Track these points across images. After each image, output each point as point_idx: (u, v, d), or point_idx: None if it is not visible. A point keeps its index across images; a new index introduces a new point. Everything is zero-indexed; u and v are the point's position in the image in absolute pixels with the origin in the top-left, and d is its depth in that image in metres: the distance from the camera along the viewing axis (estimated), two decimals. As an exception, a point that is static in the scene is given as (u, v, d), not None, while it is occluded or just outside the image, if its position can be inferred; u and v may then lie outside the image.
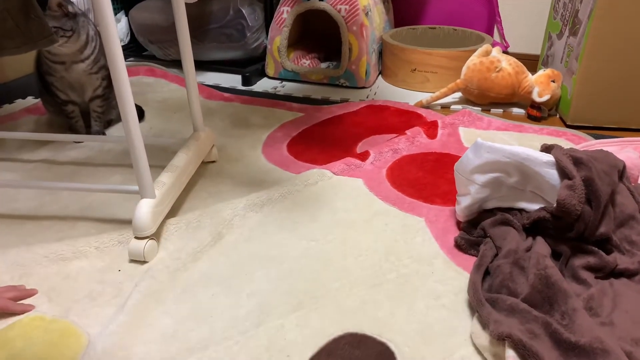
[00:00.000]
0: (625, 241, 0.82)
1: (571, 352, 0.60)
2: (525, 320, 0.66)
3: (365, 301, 0.80)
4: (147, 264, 0.90)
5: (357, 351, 0.71)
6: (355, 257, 0.90)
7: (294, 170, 1.19)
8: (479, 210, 0.93)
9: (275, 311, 0.79)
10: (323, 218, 1.01)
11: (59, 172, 1.21)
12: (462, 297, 0.80)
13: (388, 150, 1.24)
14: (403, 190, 1.10)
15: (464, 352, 0.71)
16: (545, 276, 0.72)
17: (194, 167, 1.11)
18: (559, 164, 0.82)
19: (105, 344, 0.73)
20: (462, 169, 0.92)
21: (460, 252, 0.91)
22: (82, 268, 0.89)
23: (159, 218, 0.93)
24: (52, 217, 1.04)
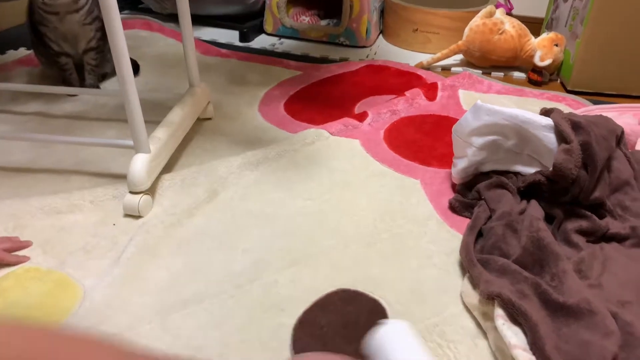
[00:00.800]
0: (619, 206, 0.82)
1: (559, 312, 0.61)
2: (516, 281, 0.67)
3: (359, 259, 0.81)
4: (142, 219, 0.90)
5: (350, 307, 0.72)
6: (350, 216, 0.91)
7: (291, 130, 1.18)
8: (475, 173, 0.93)
9: (269, 267, 0.80)
10: (319, 178, 1.01)
11: (53, 126, 1.20)
12: (453, 258, 0.81)
13: (386, 111, 1.23)
14: (400, 152, 1.09)
15: (453, 311, 0.72)
16: (538, 238, 0.72)
17: (190, 123, 1.09)
18: (558, 128, 0.81)
19: (101, 295, 0.74)
20: (460, 131, 0.92)
21: (454, 214, 0.91)
22: (77, 221, 0.89)
23: (154, 173, 0.93)
24: (46, 170, 1.03)
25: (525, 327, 0.60)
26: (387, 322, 0.58)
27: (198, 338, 0.68)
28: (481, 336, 0.68)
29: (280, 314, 0.72)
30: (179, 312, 0.72)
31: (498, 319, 0.62)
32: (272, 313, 0.72)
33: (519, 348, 0.58)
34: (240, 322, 0.71)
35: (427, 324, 0.70)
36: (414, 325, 0.69)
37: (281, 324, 0.70)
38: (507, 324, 0.61)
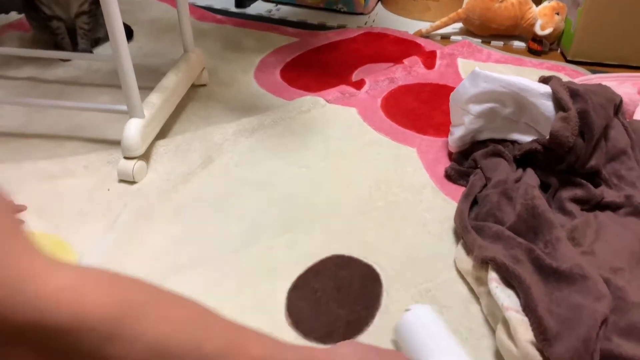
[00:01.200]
0: (614, 175, 0.82)
1: (552, 277, 0.62)
2: (509, 247, 0.68)
3: (354, 227, 0.81)
4: (137, 185, 0.89)
5: (344, 271, 0.73)
6: (345, 184, 0.91)
7: (287, 97, 1.17)
8: (472, 142, 0.93)
9: (265, 233, 0.80)
10: (315, 146, 1.00)
11: (46, 91, 1.18)
12: (448, 225, 0.81)
13: (384, 79, 1.22)
14: (397, 120, 1.08)
15: (446, 277, 0.73)
16: (532, 206, 0.72)
17: (184, 89, 1.08)
18: (556, 95, 0.81)
19: (97, 260, 0.75)
20: (458, 99, 0.91)
21: (450, 182, 0.91)
22: (71, 186, 0.89)
23: (148, 139, 0.92)
24: (39, 136, 1.02)
25: (519, 290, 0.60)
26: (412, 308, 0.61)
27: (193, 301, 0.69)
28: (473, 301, 0.69)
29: (275, 279, 0.72)
30: (175, 277, 0.72)
31: (491, 282, 0.63)
32: (267, 278, 0.72)
33: (512, 310, 0.58)
34: (235, 286, 0.71)
35: (420, 289, 0.71)
36: (407, 290, 0.70)
37: (276, 288, 0.71)
38: (501, 287, 0.62)
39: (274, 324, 0.65)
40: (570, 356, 0.51)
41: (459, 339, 0.59)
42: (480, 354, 0.62)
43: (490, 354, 0.62)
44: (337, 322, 0.66)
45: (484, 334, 0.64)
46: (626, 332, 0.56)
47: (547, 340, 0.54)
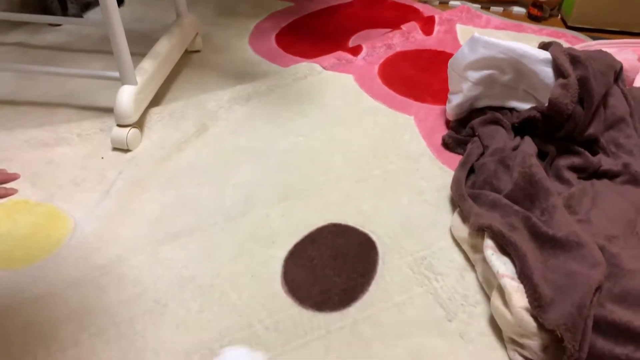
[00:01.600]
0: (612, 143, 0.82)
1: (547, 244, 0.62)
2: (506, 214, 0.67)
3: (350, 195, 0.81)
4: (131, 153, 0.88)
5: (340, 240, 0.73)
6: (342, 153, 0.90)
7: (282, 63, 1.15)
8: (470, 109, 0.92)
9: (260, 202, 0.79)
10: (311, 113, 0.99)
11: (36, 57, 1.15)
12: (444, 194, 0.81)
13: (381, 45, 1.19)
14: (394, 87, 1.07)
15: (442, 244, 0.73)
16: (530, 174, 0.72)
17: (177, 55, 1.06)
18: (556, 62, 0.79)
19: (92, 227, 0.74)
20: (456, 65, 0.89)
21: (447, 151, 0.90)
22: (64, 154, 0.88)
23: (142, 106, 0.90)
24: (30, 103, 1.01)
25: (514, 257, 0.60)
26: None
27: (189, 269, 0.69)
28: (468, 269, 0.69)
29: (271, 247, 0.72)
30: (170, 244, 0.72)
31: (487, 250, 0.63)
32: (263, 246, 0.72)
33: (507, 277, 0.59)
34: (231, 254, 0.71)
35: (416, 257, 0.71)
36: (403, 258, 0.70)
37: (272, 256, 0.71)
38: (496, 255, 0.62)
39: (270, 292, 0.66)
40: (564, 322, 0.51)
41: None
42: (475, 321, 0.62)
43: (485, 320, 0.62)
44: (332, 289, 0.66)
45: (479, 300, 0.65)
46: (620, 299, 0.56)
47: (542, 307, 0.54)
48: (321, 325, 0.62)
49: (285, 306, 0.64)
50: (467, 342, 0.60)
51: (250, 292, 0.66)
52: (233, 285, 0.67)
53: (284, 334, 0.61)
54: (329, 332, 0.61)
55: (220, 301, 0.65)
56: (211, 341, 0.60)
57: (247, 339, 0.60)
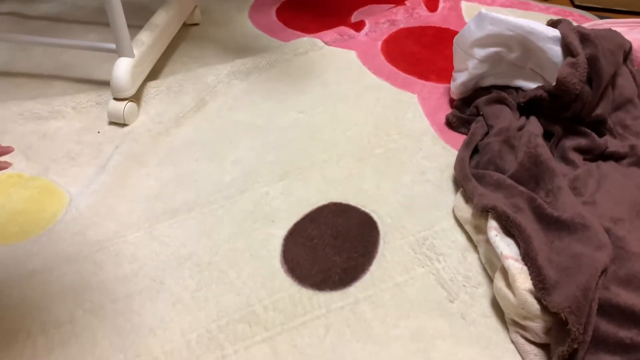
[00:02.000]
0: (619, 125, 0.80)
1: (552, 226, 0.61)
2: (510, 195, 0.66)
3: (352, 174, 0.79)
4: (128, 127, 0.86)
5: (340, 219, 0.72)
6: (344, 130, 0.88)
7: (283, 38, 1.12)
8: (475, 88, 0.90)
9: (260, 179, 0.78)
10: (312, 90, 0.97)
11: (30, 27, 1.12)
12: (447, 174, 0.80)
13: (385, 21, 1.17)
14: (397, 64, 1.04)
15: (444, 225, 0.72)
16: (535, 155, 0.71)
17: (175, 28, 1.03)
18: (565, 40, 0.77)
19: (88, 202, 0.73)
20: (462, 42, 0.87)
21: (451, 130, 0.89)
22: (59, 128, 0.86)
23: (139, 79, 0.88)
24: (25, 75, 0.98)
25: (519, 239, 0.59)
26: None
27: (187, 246, 0.68)
28: (471, 250, 0.68)
29: (270, 225, 0.71)
30: (168, 221, 0.71)
31: (491, 231, 0.62)
32: (263, 224, 0.71)
33: (511, 258, 0.58)
34: (230, 231, 0.70)
35: (418, 237, 0.70)
36: (405, 238, 0.69)
37: (271, 234, 0.70)
38: (500, 236, 0.61)
39: (269, 270, 0.65)
40: (568, 305, 0.50)
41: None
42: (477, 302, 0.61)
43: (487, 302, 0.61)
44: (333, 268, 0.65)
45: (481, 282, 0.64)
46: (625, 282, 0.56)
47: (546, 289, 0.53)
48: (321, 305, 0.61)
49: (284, 285, 0.63)
50: (469, 324, 0.59)
51: (249, 271, 0.65)
52: (231, 264, 0.66)
53: (283, 313, 0.60)
54: (329, 311, 0.60)
55: (218, 280, 0.64)
56: (208, 320, 0.59)
57: (246, 318, 0.59)
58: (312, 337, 0.58)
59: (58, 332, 0.58)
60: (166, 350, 0.56)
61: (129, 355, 0.56)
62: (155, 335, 0.58)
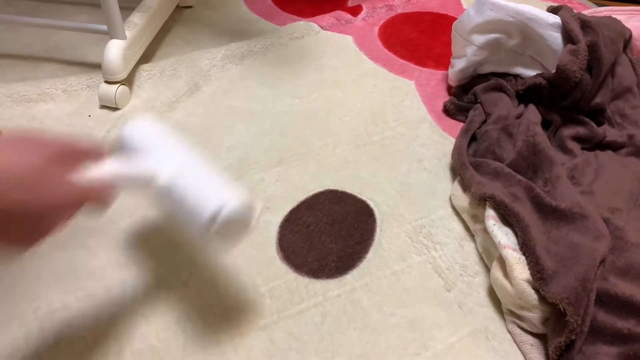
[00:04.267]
0: (618, 114, 0.80)
1: (550, 215, 0.60)
2: (509, 184, 0.66)
3: (348, 161, 0.79)
4: (120, 111, 0.85)
5: (337, 207, 0.71)
6: (340, 117, 0.87)
7: (278, 22, 1.10)
8: (473, 75, 0.89)
9: (255, 165, 0.77)
10: (308, 75, 0.95)
11: (18, 8, 1.09)
12: (445, 162, 0.79)
13: (382, 6, 1.15)
14: (395, 50, 1.03)
15: (441, 213, 0.71)
16: (533, 143, 0.70)
17: (169, 10, 1.00)
18: (566, 27, 0.76)
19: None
20: (461, 28, 0.86)
21: (448, 117, 0.88)
22: (49, 111, 0.84)
23: (131, 62, 0.86)
24: (13, 56, 0.96)
25: (517, 228, 0.59)
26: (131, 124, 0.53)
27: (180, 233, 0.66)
28: (468, 238, 0.68)
29: (266, 212, 0.70)
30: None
31: (489, 220, 0.61)
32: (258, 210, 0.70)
33: (509, 248, 0.57)
34: (224, 218, 0.69)
35: (415, 225, 0.69)
36: (401, 226, 0.69)
37: (267, 221, 0.69)
38: (498, 225, 0.60)
39: (264, 258, 0.64)
40: (567, 295, 0.50)
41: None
42: (474, 291, 0.61)
43: (484, 291, 0.61)
44: (329, 256, 0.65)
45: (478, 271, 0.64)
46: (623, 272, 0.55)
47: (544, 279, 0.53)
48: (318, 292, 0.60)
49: (280, 272, 0.62)
50: (466, 313, 0.59)
51: (244, 258, 0.64)
52: (226, 251, 0.65)
53: (279, 300, 0.59)
54: (326, 299, 0.60)
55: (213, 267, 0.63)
56: (203, 308, 0.58)
57: (242, 305, 0.59)
58: (309, 325, 0.57)
59: (50, 320, 0.57)
60: (161, 337, 0.56)
61: (124, 343, 0.55)
62: (150, 323, 0.57)
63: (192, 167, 0.49)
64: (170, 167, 0.47)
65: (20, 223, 0.37)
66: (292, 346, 0.55)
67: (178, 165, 0.48)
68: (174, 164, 0.48)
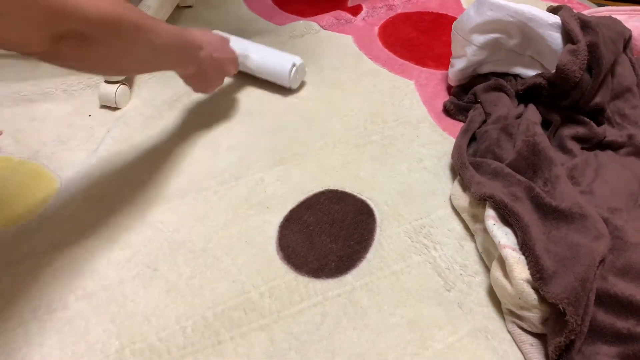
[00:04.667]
0: (618, 114, 0.80)
1: (550, 216, 0.60)
2: (508, 184, 0.66)
3: (348, 161, 0.79)
4: (120, 111, 0.85)
5: (337, 206, 0.71)
6: (340, 117, 0.87)
7: (278, 21, 1.10)
8: (473, 75, 0.89)
9: (255, 165, 0.77)
10: (308, 75, 0.95)
11: (18, 7, 1.09)
12: (444, 161, 0.79)
13: (382, 6, 1.15)
14: (395, 50, 1.03)
15: (441, 213, 0.71)
16: (533, 143, 0.70)
17: (169, 10, 1.01)
18: (566, 27, 0.76)
19: (79, 187, 0.71)
20: (461, 28, 0.86)
21: (448, 117, 0.88)
22: (49, 111, 0.84)
23: (131, 61, 0.86)
24: (13, 56, 0.95)
25: (516, 228, 0.59)
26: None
27: (181, 232, 0.67)
28: (468, 238, 0.68)
29: (265, 212, 0.70)
30: (161, 206, 0.70)
31: (488, 220, 0.61)
32: (258, 210, 0.70)
33: (509, 248, 0.57)
34: (224, 218, 0.69)
35: (415, 225, 0.69)
36: (401, 226, 0.69)
37: (266, 221, 0.69)
38: (498, 225, 0.60)
39: (264, 258, 0.64)
40: (567, 295, 0.50)
41: None
42: (474, 291, 0.61)
43: (484, 291, 0.61)
44: (329, 256, 0.65)
45: (478, 271, 0.64)
46: (622, 272, 0.55)
47: (544, 279, 0.53)
48: (317, 292, 0.60)
49: (280, 272, 0.63)
50: (466, 312, 0.59)
51: (244, 258, 0.64)
52: (226, 250, 0.65)
53: (279, 300, 0.59)
54: (326, 299, 0.60)
55: (213, 266, 0.63)
56: (204, 307, 0.58)
57: (242, 305, 0.59)
58: (309, 325, 0.57)
59: (50, 319, 0.57)
60: (161, 337, 0.56)
61: (124, 342, 0.55)
62: (150, 322, 0.57)
63: (265, 48, 0.91)
64: (254, 50, 0.89)
65: (215, 70, 0.74)
66: (292, 346, 0.55)
67: (257, 47, 0.90)
68: (254, 48, 0.90)
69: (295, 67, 0.87)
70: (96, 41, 0.48)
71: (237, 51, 0.82)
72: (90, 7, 0.45)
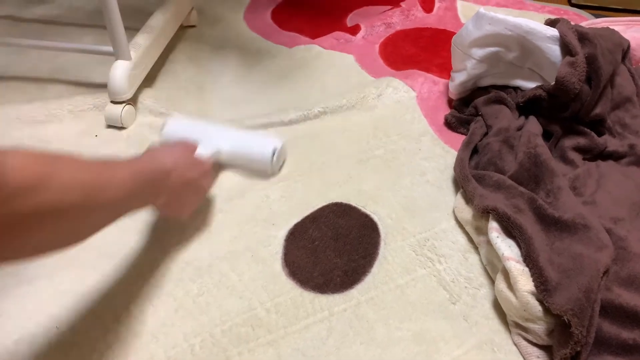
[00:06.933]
0: (618, 124, 0.80)
1: (553, 227, 0.61)
2: (511, 196, 0.66)
3: (351, 175, 0.79)
4: (126, 130, 0.86)
5: (341, 220, 0.71)
6: (342, 131, 0.88)
7: (278, 40, 1.12)
8: (473, 88, 0.90)
9: (259, 182, 0.78)
10: (310, 91, 0.97)
11: (25, 30, 1.12)
12: (447, 174, 0.80)
13: (380, 24, 1.16)
14: (396, 67, 1.04)
15: (445, 226, 0.72)
16: (535, 155, 0.71)
17: (172, 30, 1.02)
18: (564, 39, 0.77)
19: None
20: (460, 42, 0.87)
21: (450, 130, 0.89)
22: (57, 132, 0.85)
23: (136, 82, 0.87)
24: (20, 78, 0.97)
25: (520, 240, 0.59)
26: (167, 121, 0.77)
27: (187, 250, 0.67)
28: (472, 251, 0.68)
29: (271, 228, 0.71)
30: (168, 224, 0.70)
31: (492, 232, 0.62)
32: (263, 226, 0.71)
33: (513, 260, 0.58)
34: (230, 234, 0.70)
35: (419, 238, 0.70)
36: (405, 239, 0.69)
37: (272, 236, 0.69)
38: (501, 237, 0.61)
39: (270, 273, 0.65)
40: (571, 307, 0.50)
41: None
42: (479, 304, 0.61)
43: (489, 303, 0.61)
44: (334, 271, 0.65)
45: (483, 283, 0.64)
46: (627, 282, 0.56)
47: (548, 290, 0.53)
48: (323, 307, 0.61)
49: (286, 288, 0.63)
50: (471, 325, 0.59)
51: (250, 274, 0.65)
52: (233, 267, 0.65)
53: (285, 316, 0.60)
54: (332, 314, 0.60)
55: (219, 283, 0.63)
56: (211, 324, 0.59)
57: (249, 321, 0.59)
58: (315, 340, 0.58)
59: (57, 340, 0.57)
60: (170, 355, 0.56)
61: (131, 361, 0.55)
62: (158, 340, 0.57)
63: (236, 134, 0.77)
64: (225, 139, 0.74)
65: (190, 192, 0.64)
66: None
67: (227, 136, 0.75)
68: (225, 136, 0.75)
69: (277, 150, 0.75)
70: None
71: (208, 151, 0.69)
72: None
